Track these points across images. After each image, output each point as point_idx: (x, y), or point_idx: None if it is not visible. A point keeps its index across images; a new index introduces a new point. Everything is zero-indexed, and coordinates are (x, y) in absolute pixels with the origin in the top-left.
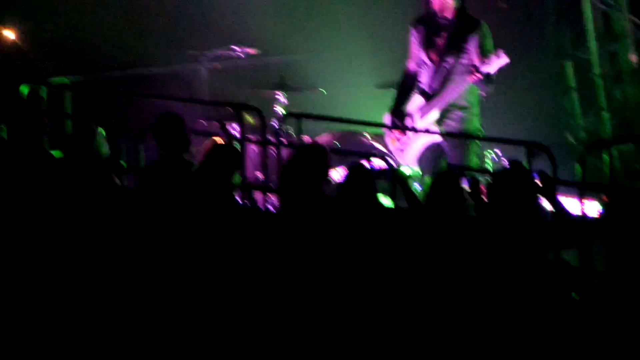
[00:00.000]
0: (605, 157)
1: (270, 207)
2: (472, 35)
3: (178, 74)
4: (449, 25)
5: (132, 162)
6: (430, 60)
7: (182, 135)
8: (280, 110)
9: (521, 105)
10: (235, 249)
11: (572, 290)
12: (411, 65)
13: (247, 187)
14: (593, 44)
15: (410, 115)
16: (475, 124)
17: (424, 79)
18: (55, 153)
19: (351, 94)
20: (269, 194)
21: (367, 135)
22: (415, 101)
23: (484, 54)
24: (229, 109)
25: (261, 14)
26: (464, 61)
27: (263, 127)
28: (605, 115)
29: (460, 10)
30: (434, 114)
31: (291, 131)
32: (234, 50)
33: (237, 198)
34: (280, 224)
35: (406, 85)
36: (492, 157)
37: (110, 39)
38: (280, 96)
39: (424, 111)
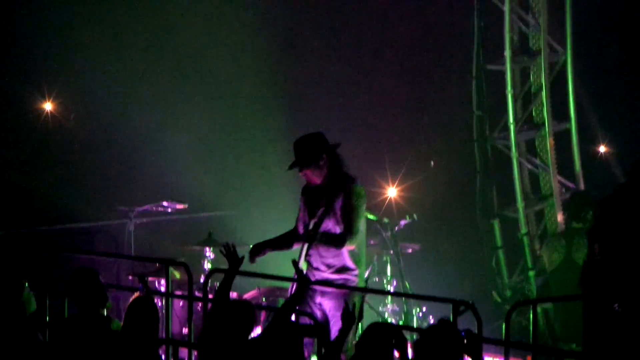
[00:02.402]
0: (530, 315)
1: None
2: (339, 196)
3: (106, 229)
4: (324, 190)
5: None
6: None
7: (96, 290)
8: (207, 265)
9: (448, 263)
10: None
11: None
12: (299, 227)
13: (172, 342)
14: (520, 203)
15: (295, 263)
16: (359, 284)
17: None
18: None
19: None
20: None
21: None
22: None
23: (342, 214)
24: (156, 264)
25: (190, 171)
26: (331, 221)
27: (190, 282)
28: (531, 273)
29: (332, 172)
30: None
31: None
32: (164, 206)
33: (161, 354)
34: None
35: (286, 235)
36: (418, 315)
37: (40, 194)
38: (208, 252)
39: (301, 250)
